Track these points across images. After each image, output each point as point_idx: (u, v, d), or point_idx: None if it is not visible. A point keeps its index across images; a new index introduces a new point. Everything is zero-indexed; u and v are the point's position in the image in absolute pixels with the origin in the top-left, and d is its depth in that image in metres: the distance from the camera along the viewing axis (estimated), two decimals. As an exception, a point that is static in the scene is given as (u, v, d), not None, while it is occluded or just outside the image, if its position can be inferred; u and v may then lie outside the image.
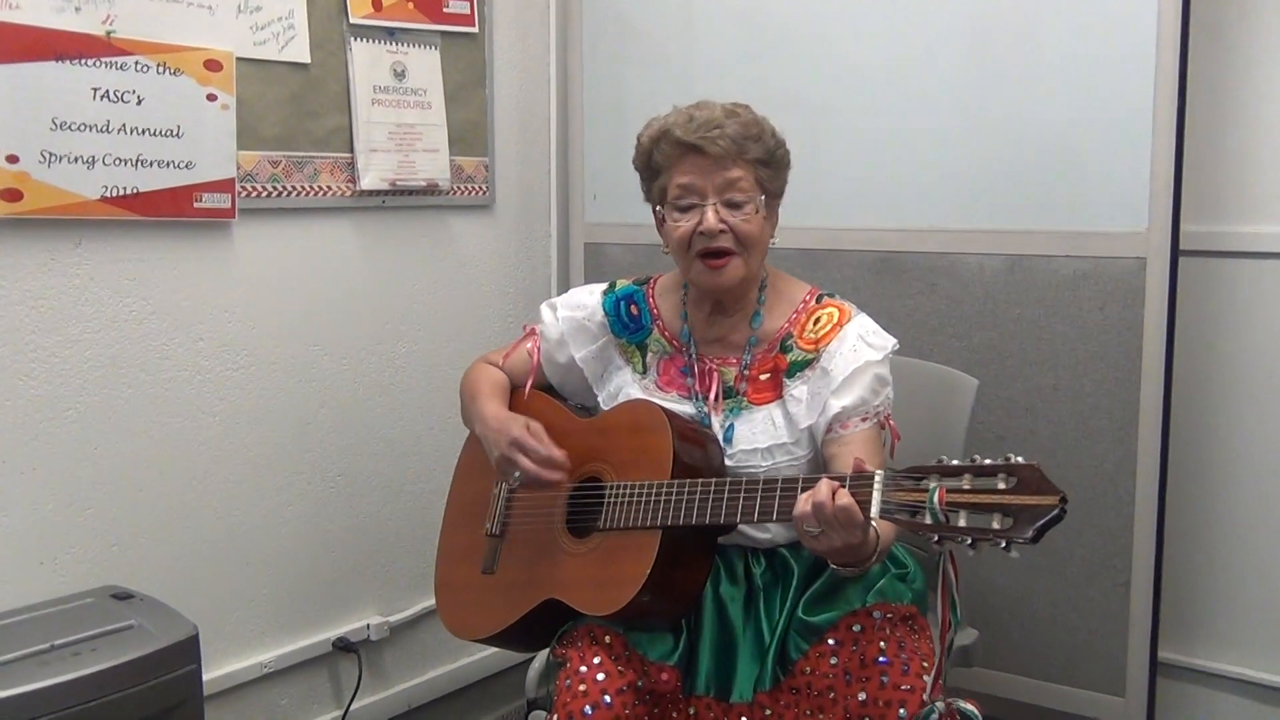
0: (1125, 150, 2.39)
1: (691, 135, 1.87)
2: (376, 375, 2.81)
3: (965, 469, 1.53)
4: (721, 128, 1.87)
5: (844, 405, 1.86)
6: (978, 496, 1.50)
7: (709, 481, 1.81)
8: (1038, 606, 2.58)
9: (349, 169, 2.67)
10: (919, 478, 1.56)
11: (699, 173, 1.88)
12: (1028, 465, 1.49)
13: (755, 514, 1.76)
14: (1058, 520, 1.46)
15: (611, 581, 1.84)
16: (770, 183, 1.92)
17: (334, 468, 2.75)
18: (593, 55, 3.05)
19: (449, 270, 2.95)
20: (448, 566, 2.18)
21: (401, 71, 2.74)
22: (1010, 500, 1.48)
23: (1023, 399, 2.55)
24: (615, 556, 1.87)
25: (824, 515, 1.61)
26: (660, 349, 2.05)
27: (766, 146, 1.91)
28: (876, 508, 1.59)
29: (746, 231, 1.89)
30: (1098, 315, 2.46)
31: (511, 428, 1.98)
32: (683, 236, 1.91)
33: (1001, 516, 1.48)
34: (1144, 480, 2.45)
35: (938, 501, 1.52)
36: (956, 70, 2.56)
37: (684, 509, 1.81)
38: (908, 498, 1.56)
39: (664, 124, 1.93)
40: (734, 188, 1.88)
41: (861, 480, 1.62)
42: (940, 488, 1.53)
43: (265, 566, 2.62)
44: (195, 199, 2.37)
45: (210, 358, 2.48)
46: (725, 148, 1.86)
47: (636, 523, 1.84)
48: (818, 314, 1.97)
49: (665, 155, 1.92)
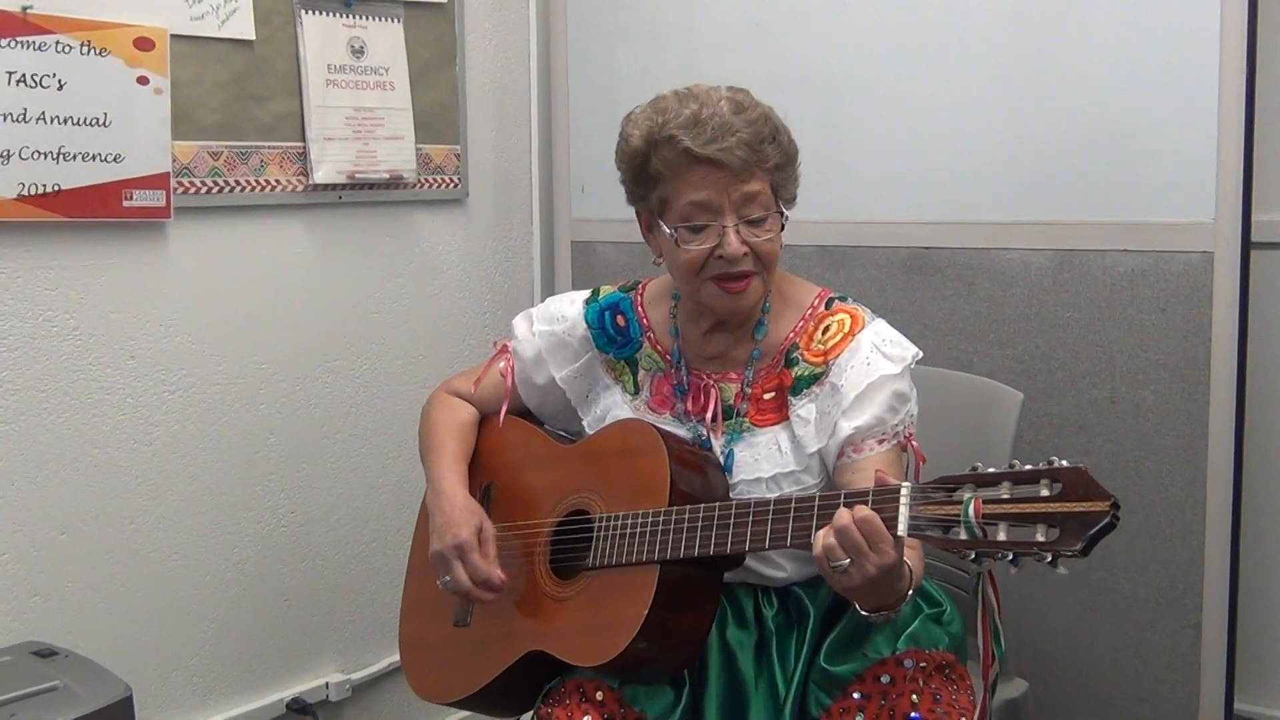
0: (1188, 131, 2.41)
1: (706, 148, 1.83)
2: (334, 397, 2.83)
3: (1003, 476, 1.54)
4: (736, 133, 1.83)
5: (856, 426, 1.86)
6: (1019, 506, 1.52)
7: (711, 506, 1.82)
8: (1096, 653, 2.59)
9: (300, 160, 2.69)
10: (951, 489, 1.57)
11: (714, 188, 1.85)
12: (1073, 468, 1.51)
13: (766, 541, 1.76)
14: (1110, 528, 1.48)
15: (603, 627, 1.84)
16: (785, 188, 1.92)
17: (287, 503, 2.76)
18: (579, 27, 3.07)
19: (417, 275, 2.97)
20: (414, 621, 2.18)
21: (360, 48, 2.77)
22: (1055, 509, 1.50)
23: (1075, 415, 2.56)
24: (607, 598, 1.88)
25: (851, 539, 1.61)
26: (653, 365, 2.06)
27: (782, 147, 1.89)
28: (904, 524, 1.59)
29: (768, 251, 1.89)
30: (1159, 318, 2.47)
31: (461, 530, 1.98)
32: (695, 260, 1.89)
33: (1046, 527, 1.50)
34: (1215, 507, 2.46)
35: (974, 514, 1.53)
36: (997, 41, 2.58)
37: (684, 540, 1.81)
38: (939, 512, 1.57)
39: (660, 124, 1.87)
40: (753, 203, 1.86)
41: (886, 495, 1.63)
42: (976, 498, 1.54)
43: (209, 618, 2.64)
44: (125, 197, 2.39)
45: (144, 379, 2.50)
46: (744, 158, 1.83)
47: (630, 558, 1.85)
48: (827, 321, 1.97)
49: (668, 165, 1.88)
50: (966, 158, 2.63)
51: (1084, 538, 1.47)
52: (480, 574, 1.96)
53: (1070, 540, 1.48)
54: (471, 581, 1.96)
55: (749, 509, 1.79)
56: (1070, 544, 1.47)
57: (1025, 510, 1.51)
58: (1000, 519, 1.52)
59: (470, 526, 1.99)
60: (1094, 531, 1.47)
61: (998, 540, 1.52)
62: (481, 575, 1.96)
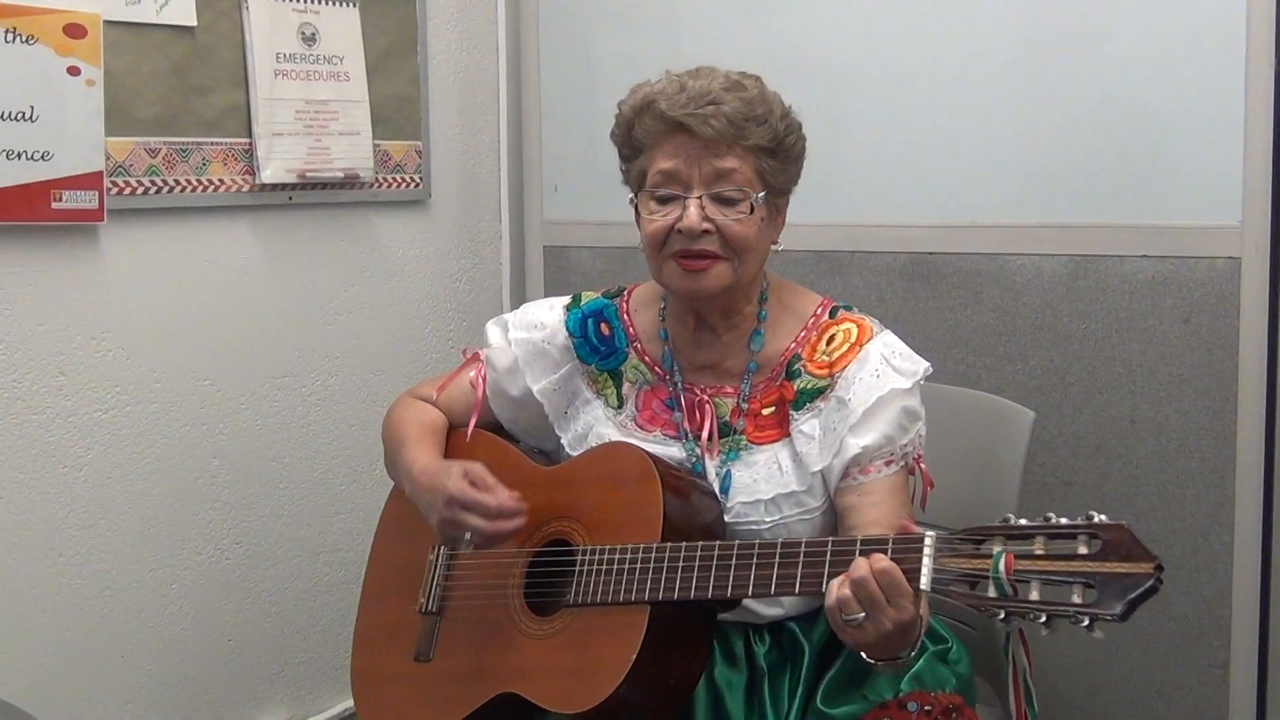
0: (1213, 130, 2.45)
1: (678, 110, 1.89)
2: (284, 416, 2.84)
3: (1037, 530, 1.56)
4: (718, 103, 1.88)
5: (865, 445, 1.89)
6: (1054, 564, 1.53)
7: (710, 545, 1.82)
8: (1117, 694, 2.62)
9: (246, 158, 2.70)
10: (979, 540, 1.59)
11: (684, 158, 1.90)
12: (1115, 525, 1.52)
13: (772, 587, 1.76)
14: (1152, 593, 1.48)
15: (585, 671, 1.84)
16: (775, 176, 1.94)
17: (231, 533, 2.77)
18: (552, 12, 3.09)
19: (374, 283, 2.99)
20: (369, 652, 2.18)
21: (312, 35, 2.79)
22: (1094, 568, 1.50)
23: (1091, 435, 2.59)
24: (590, 639, 1.88)
25: (868, 592, 1.62)
26: (639, 377, 2.08)
27: (773, 130, 1.92)
28: (928, 579, 1.60)
29: (737, 234, 1.91)
30: (1182, 329, 2.51)
31: (445, 482, 1.98)
32: (657, 232, 1.93)
33: (1083, 588, 1.50)
34: (1244, 535, 2.49)
35: (1004, 570, 1.54)
36: (1008, 30, 2.62)
37: (679, 580, 1.81)
38: (966, 565, 1.58)
39: (651, 92, 1.94)
40: (726, 180, 1.90)
41: (908, 545, 1.64)
42: (1007, 553, 1.55)
43: (145, 658, 2.64)
44: (53, 198, 2.40)
45: (74, 396, 2.50)
46: (719, 129, 1.87)
47: (617, 596, 1.85)
48: (831, 331, 1.99)
49: (648, 131, 1.94)
50: (974, 155, 2.66)
51: (1124, 601, 1.47)
52: (488, 506, 1.93)
53: (1109, 604, 1.48)
54: (489, 521, 1.93)
55: (753, 550, 1.79)
56: (1109, 608, 1.48)
57: (1061, 569, 1.52)
58: (1033, 576, 1.53)
59: (454, 474, 1.97)
60: (1135, 595, 1.47)
61: (1030, 600, 1.52)
62: (490, 506, 1.92)
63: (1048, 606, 1.51)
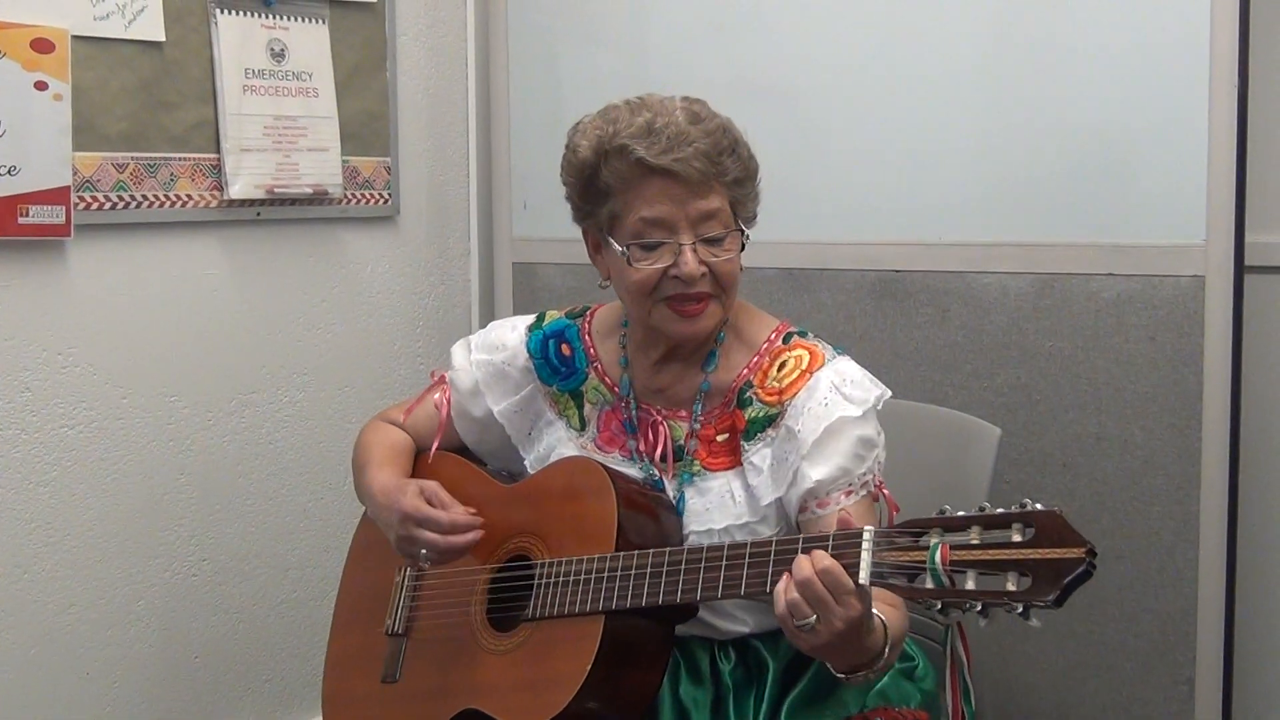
0: (1178, 150, 2.46)
1: (661, 158, 1.85)
2: (251, 433, 2.84)
3: (973, 520, 1.57)
4: (692, 143, 1.86)
5: (819, 479, 1.87)
6: (989, 553, 1.54)
7: (660, 552, 1.83)
8: (1083, 711, 2.62)
9: (214, 173, 2.70)
10: (918, 533, 1.59)
11: (670, 203, 1.87)
12: (1046, 512, 1.53)
13: (719, 590, 1.78)
14: (1085, 577, 1.49)
15: (542, 683, 1.86)
16: (744, 206, 1.94)
17: (197, 551, 2.76)
18: (521, 29, 3.10)
19: (342, 300, 2.99)
20: (339, 675, 2.19)
21: (280, 51, 2.79)
22: (1027, 555, 1.52)
23: (1058, 452, 2.60)
24: (547, 652, 1.89)
25: (814, 592, 1.62)
26: (600, 398, 2.08)
27: (742, 160, 1.92)
28: (866, 571, 1.61)
29: (727, 273, 1.91)
30: (1147, 346, 2.52)
31: (400, 500, 1.99)
32: (648, 280, 1.91)
33: (1018, 575, 1.51)
34: (1209, 552, 2.50)
35: (940, 561, 1.55)
36: (975, 50, 2.63)
37: (631, 588, 1.83)
38: (904, 558, 1.59)
39: (611, 133, 1.90)
40: (712, 220, 1.89)
41: (847, 540, 1.65)
42: (943, 544, 1.56)
43: (110, 677, 2.63)
44: (20, 213, 2.39)
45: (39, 412, 2.50)
46: (701, 170, 1.86)
47: (573, 608, 1.86)
48: (784, 357, 1.98)
49: (619, 177, 1.90)
50: (941, 174, 2.67)
51: (1058, 587, 1.48)
52: (441, 522, 1.95)
53: (1043, 590, 1.49)
54: (442, 535, 1.95)
55: (701, 555, 1.80)
56: (1043, 594, 1.49)
57: (995, 557, 1.53)
58: (969, 566, 1.54)
59: (409, 492, 2.00)
60: (1068, 580, 1.48)
61: (965, 589, 1.53)
62: (444, 522, 1.95)
63: (983, 595, 1.52)
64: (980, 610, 1.53)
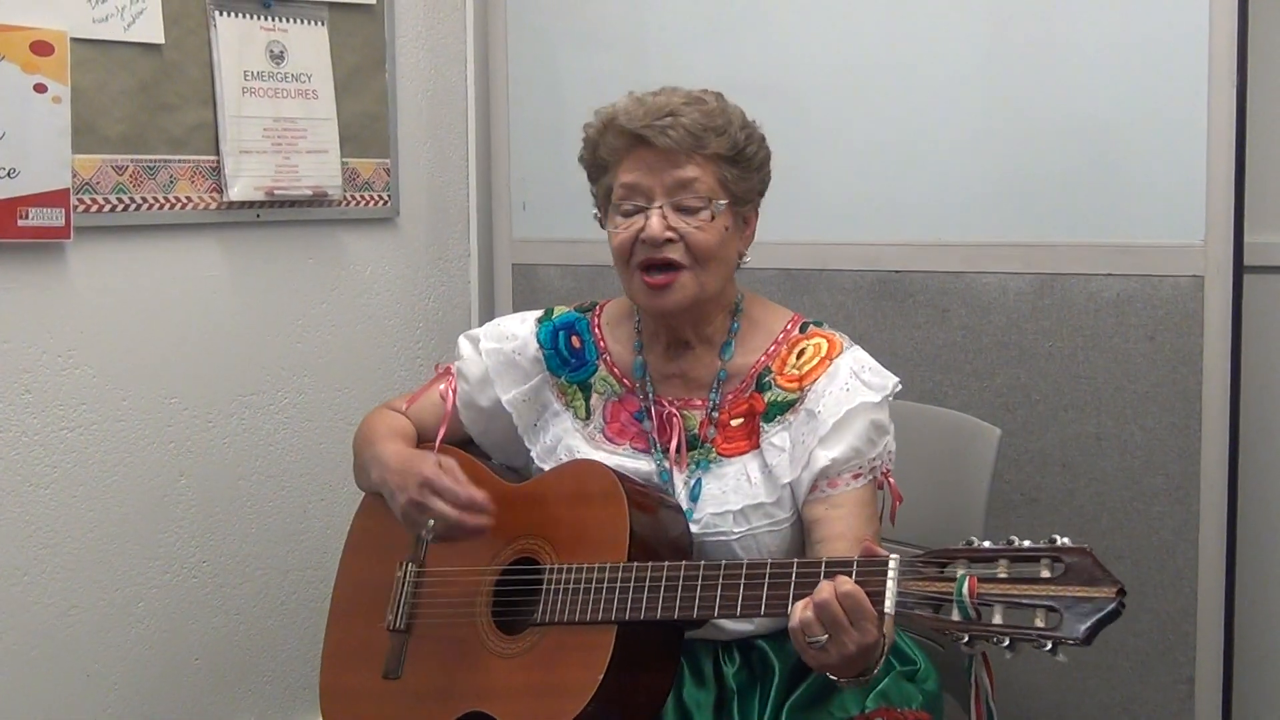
0: (1176, 147, 2.47)
1: (636, 124, 1.93)
2: (251, 434, 2.84)
3: (1001, 553, 1.57)
4: (676, 115, 1.92)
5: (833, 457, 1.90)
6: (1017, 587, 1.54)
7: (676, 566, 1.83)
8: (1083, 711, 2.63)
9: (214, 175, 2.70)
10: (943, 564, 1.60)
11: (646, 170, 1.94)
12: (1078, 548, 1.54)
13: (738, 608, 1.77)
14: (1114, 617, 1.50)
15: (552, 691, 1.85)
16: (737, 184, 1.97)
17: (197, 552, 2.76)
18: (521, 30, 3.10)
19: (342, 301, 2.99)
20: (337, 668, 2.17)
21: (280, 53, 2.79)
22: (1057, 592, 1.52)
23: (1057, 452, 2.61)
24: (557, 659, 1.89)
25: (831, 614, 1.63)
26: (608, 389, 2.09)
27: (733, 140, 1.96)
28: (891, 601, 1.61)
29: (700, 242, 1.93)
30: (1147, 346, 2.53)
31: (421, 466, 1.99)
32: (623, 244, 1.96)
33: (1046, 612, 1.51)
34: (1208, 551, 2.50)
35: (968, 594, 1.55)
36: (974, 50, 2.63)
37: (645, 600, 1.82)
38: (930, 588, 1.59)
39: (612, 111, 1.98)
40: (688, 189, 1.93)
41: (872, 567, 1.65)
42: (970, 576, 1.56)
43: (111, 678, 2.63)
44: (19, 215, 2.39)
45: (40, 414, 2.50)
46: (677, 139, 1.91)
47: (585, 616, 1.86)
48: (802, 345, 2.02)
49: (611, 148, 1.98)
50: (940, 174, 2.68)
51: (1087, 625, 1.49)
52: (459, 496, 1.95)
53: (1072, 628, 1.49)
54: (456, 509, 1.95)
55: (719, 571, 1.80)
56: (1072, 631, 1.49)
57: (1024, 592, 1.53)
58: (996, 600, 1.54)
59: (430, 460, 2.00)
60: (1097, 619, 1.49)
61: (993, 624, 1.54)
62: (461, 497, 1.95)
63: (1011, 630, 1.53)
64: (1008, 645, 1.53)
